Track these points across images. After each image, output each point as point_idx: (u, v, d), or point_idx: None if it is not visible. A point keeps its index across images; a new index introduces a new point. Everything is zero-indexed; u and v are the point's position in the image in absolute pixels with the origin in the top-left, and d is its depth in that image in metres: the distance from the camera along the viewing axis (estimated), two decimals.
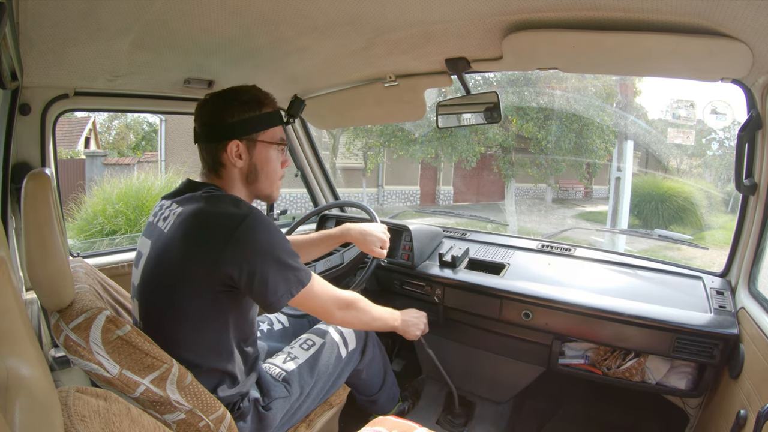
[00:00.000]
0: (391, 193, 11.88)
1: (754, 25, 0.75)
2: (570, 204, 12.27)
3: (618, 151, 7.94)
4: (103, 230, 4.67)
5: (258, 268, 0.85)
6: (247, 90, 0.96)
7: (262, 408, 1.02)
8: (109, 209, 4.75)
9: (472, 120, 1.36)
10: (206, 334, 0.90)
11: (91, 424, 0.54)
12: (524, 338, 1.40)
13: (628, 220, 7.12)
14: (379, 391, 1.37)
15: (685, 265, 1.40)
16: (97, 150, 10.73)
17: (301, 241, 1.32)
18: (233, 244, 0.83)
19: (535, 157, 9.83)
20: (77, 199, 5.02)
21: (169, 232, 0.89)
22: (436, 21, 0.94)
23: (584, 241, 5.50)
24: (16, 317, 0.44)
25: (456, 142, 9.73)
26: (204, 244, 0.84)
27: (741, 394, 0.99)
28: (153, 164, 9.46)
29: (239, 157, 0.94)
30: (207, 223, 0.86)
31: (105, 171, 7.91)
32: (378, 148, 10.29)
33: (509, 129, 9.57)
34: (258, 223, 0.86)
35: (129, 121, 13.52)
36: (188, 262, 0.85)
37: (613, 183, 7.27)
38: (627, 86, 8.95)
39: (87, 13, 0.81)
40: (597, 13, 0.84)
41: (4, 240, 0.50)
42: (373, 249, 1.26)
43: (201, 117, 0.95)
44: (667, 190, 7.88)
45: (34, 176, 0.73)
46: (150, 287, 0.91)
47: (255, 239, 0.85)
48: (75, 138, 10.94)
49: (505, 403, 1.58)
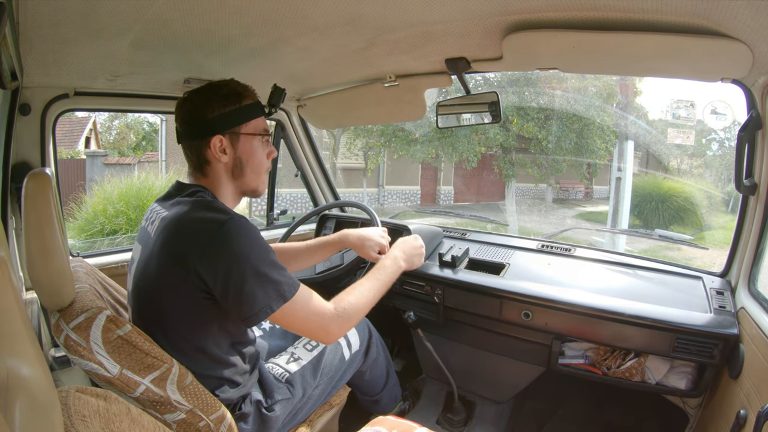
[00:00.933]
0: (391, 193, 11.88)
1: (754, 25, 0.75)
2: (570, 204, 12.28)
3: (618, 151, 7.93)
4: (104, 230, 4.69)
5: (233, 277, 0.80)
6: (225, 84, 0.94)
7: (264, 410, 1.01)
8: (109, 209, 4.77)
9: (472, 120, 1.36)
10: (197, 340, 0.88)
11: (91, 424, 0.54)
12: (524, 338, 1.40)
13: (629, 220, 7.12)
14: (381, 391, 1.37)
15: (685, 265, 1.40)
16: (98, 150, 10.73)
17: (299, 248, 1.30)
18: (209, 249, 0.80)
19: (536, 157, 9.83)
20: (78, 198, 5.03)
21: (154, 237, 0.88)
22: (436, 21, 0.94)
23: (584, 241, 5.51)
24: (16, 317, 0.44)
25: (456, 142, 9.72)
26: (181, 250, 0.82)
27: (741, 394, 0.99)
28: (154, 164, 9.46)
29: (223, 152, 0.92)
30: (186, 227, 0.84)
31: (105, 171, 7.90)
32: (379, 148, 10.29)
33: (510, 129, 9.56)
34: (238, 228, 0.82)
35: (129, 121, 13.53)
36: (167, 267, 0.83)
37: (614, 183, 7.27)
38: (627, 86, 8.95)
39: (87, 13, 0.81)
40: (597, 13, 0.84)
41: (4, 240, 0.50)
42: (371, 255, 1.24)
43: (181, 115, 0.94)
44: (667, 190, 7.89)
45: (34, 176, 0.73)
46: (140, 294, 0.90)
47: (232, 245, 0.81)
48: (75, 138, 10.94)
49: (505, 403, 1.58)
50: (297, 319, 0.88)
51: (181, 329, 0.87)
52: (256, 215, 8.10)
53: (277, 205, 2.04)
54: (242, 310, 0.83)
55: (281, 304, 0.84)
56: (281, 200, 9.38)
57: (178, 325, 0.87)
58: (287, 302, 0.85)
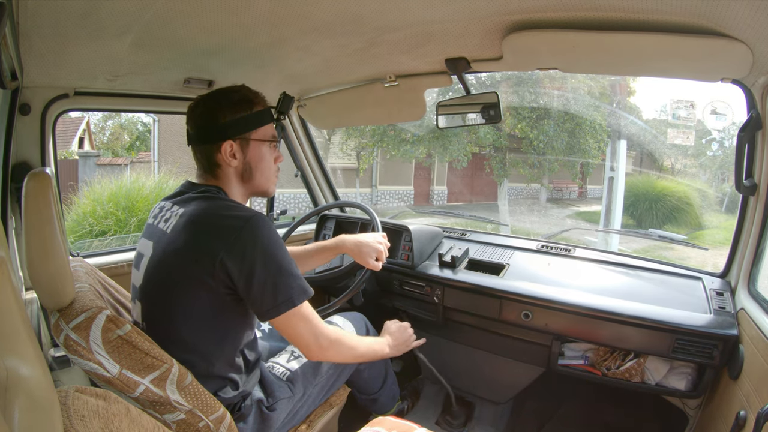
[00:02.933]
0: (384, 194, 11.84)
1: (754, 25, 0.75)
2: (564, 204, 12.27)
3: (611, 150, 7.93)
4: (92, 231, 4.64)
5: (257, 270, 0.84)
6: (237, 90, 0.96)
7: (266, 409, 1.02)
8: (98, 210, 4.72)
9: (471, 120, 1.36)
10: (208, 336, 0.90)
11: (91, 424, 0.54)
12: (524, 339, 1.40)
13: (622, 219, 7.12)
14: (379, 389, 1.37)
15: (685, 266, 1.40)
16: (91, 150, 10.66)
17: (297, 253, 1.30)
18: (236, 244, 0.83)
19: (528, 157, 9.82)
20: (67, 200, 4.98)
21: (171, 233, 0.89)
22: (436, 21, 0.94)
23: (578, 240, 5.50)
24: (16, 317, 0.44)
25: (447, 142, 9.66)
26: (207, 244, 0.84)
27: (740, 395, 0.99)
28: (146, 164, 9.42)
29: (233, 157, 0.94)
30: (211, 223, 0.86)
31: (97, 171, 7.87)
32: (371, 148, 10.27)
33: (501, 129, 9.54)
34: (262, 225, 0.86)
35: (123, 122, 13.48)
36: (191, 261, 0.85)
37: (607, 183, 7.27)
38: (621, 86, 8.95)
39: (87, 13, 0.81)
40: (597, 13, 0.84)
41: (4, 240, 0.50)
42: (368, 261, 1.23)
43: (194, 119, 0.96)
44: (661, 189, 7.89)
45: (34, 176, 0.73)
46: (153, 288, 0.91)
47: (256, 240, 0.85)
48: (69, 138, 10.89)
49: (505, 404, 1.58)
50: (302, 324, 0.92)
51: (196, 323, 0.88)
52: None
53: (277, 205, 2.04)
54: (264, 302, 0.86)
55: (303, 299, 0.89)
56: (281, 200, 9.37)
57: (193, 319, 0.88)
58: (302, 303, 0.89)
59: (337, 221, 1.88)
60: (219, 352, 0.92)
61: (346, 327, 1.27)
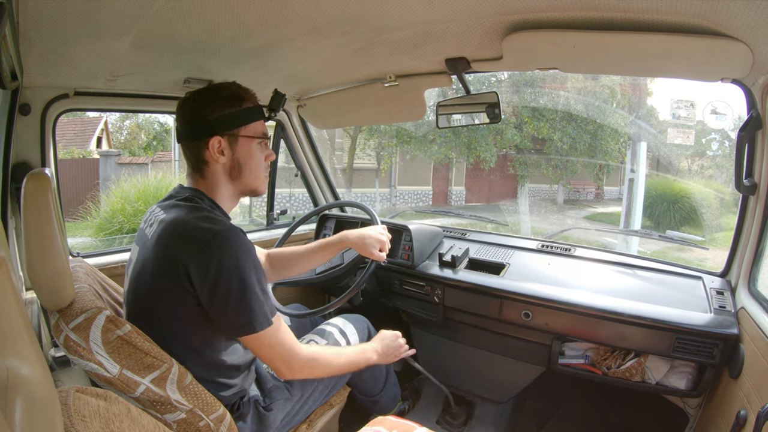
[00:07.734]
0: (403, 194, 11.85)
1: (754, 25, 0.75)
2: (581, 205, 12.21)
3: (632, 152, 7.92)
4: (122, 228, 4.80)
5: (220, 287, 0.81)
6: (226, 86, 0.95)
7: (262, 408, 1.01)
8: (128, 208, 4.88)
9: (471, 120, 1.36)
10: (191, 342, 0.88)
11: (91, 424, 0.54)
12: (524, 338, 1.40)
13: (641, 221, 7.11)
14: (380, 391, 1.37)
15: (685, 265, 1.40)
16: (111, 149, 10.67)
17: (300, 252, 1.29)
18: (201, 257, 0.81)
19: (550, 158, 9.86)
20: (94, 197, 5.09)
21: (151, 240, 0.88)
22: (436, 21, 0.94)
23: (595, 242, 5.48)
24: (16, 317, 0.44)
25: (474, 143, 9.74)
26: (177, 255, 0.82)
27: (741, 394, 0.99)
28: (165, 164, 9.45)
29: (221, 153, 0.93)
30: (183, 234, 0.84)
31: (120, 170, 7.91)
32: (392, 149, 10.29)
33: (524, 130, 9.59)
34: (232, 239, 0.83)
35: (140, 121, 13.52)
36: (163, 271, 0.84)
37: (627, 184, 7.26)
38: (641, 87, 8.97)
39: (87, 13, 0.81)
40: (597, 13, 0.84)
41: (4, 240, 0.50)
42: (372, 252, 1.23)
43: (182, 115, 0.95)
44: (679, 191, 7.87)
45: (34, 176, 0.73)
46: (135, 296, 0.90)
47: (223, 254, 0.81)
48: (87, 138, 10.95)
49: (505, 403, 1.58)
50: (267, 350, 0.89)
51: (175, 331, 0.87)
52: (256, 215, 8.10)
53: (276, 205, 2.04)
54: (225, 321, 0.84)
55: (266, 326, 0.86)
56: (281, 201, 9.36)
57: (172, 327, 0.87)
58: (271, 326, 0.86)
59: (337, 221, 1.88)
60: (206, 353, 0.90)
61: (346, 329, 1.26)
